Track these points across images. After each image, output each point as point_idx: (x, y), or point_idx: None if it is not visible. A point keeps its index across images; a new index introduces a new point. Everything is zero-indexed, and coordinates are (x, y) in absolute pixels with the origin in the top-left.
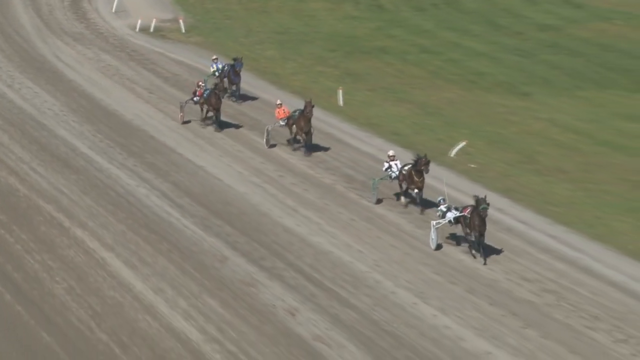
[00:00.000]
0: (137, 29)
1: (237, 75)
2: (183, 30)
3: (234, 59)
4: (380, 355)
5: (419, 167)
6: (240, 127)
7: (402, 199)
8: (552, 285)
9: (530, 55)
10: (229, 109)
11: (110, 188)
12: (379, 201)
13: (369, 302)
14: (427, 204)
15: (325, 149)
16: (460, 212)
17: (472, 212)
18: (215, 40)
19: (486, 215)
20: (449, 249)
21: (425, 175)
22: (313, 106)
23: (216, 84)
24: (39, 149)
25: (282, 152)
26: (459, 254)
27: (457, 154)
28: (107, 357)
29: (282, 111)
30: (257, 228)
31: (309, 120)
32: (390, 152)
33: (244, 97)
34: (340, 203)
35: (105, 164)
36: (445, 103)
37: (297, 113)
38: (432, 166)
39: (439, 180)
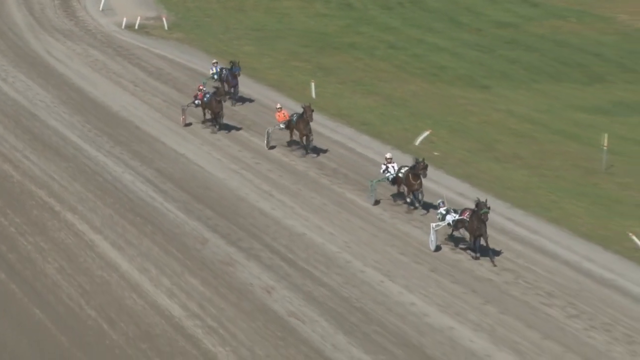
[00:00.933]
0: (123, 26)
1: (235, 78)
2: (166, 28)
3: (232, 63)
4: (350, 330)
5: (417, 171)
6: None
7: (407, 199)
8: (510, 265)
9: (489, 50)
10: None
11: (99, 174)
12: (376, 202)
13: (340, 281)
14: (425, 206)
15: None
16: (459, 215)
17: (471, 216)
18: (195, 37)
19: (487, 219)
20: (414, 231)
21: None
22: (313, 110)
23: (217, 89)
24: (31, 138)
25: (260, 141)
26: (423, 236)
27: (421, 142)
28: (96, 332)
29: (282, 115)
30: (235, 211)
31: (308, 124)
32: (388, 155)
33: (242, 99)
34: (313, 188)
35: (93, 152)
36: (410, 95)
37: (295, 117)
38: (399, 154)
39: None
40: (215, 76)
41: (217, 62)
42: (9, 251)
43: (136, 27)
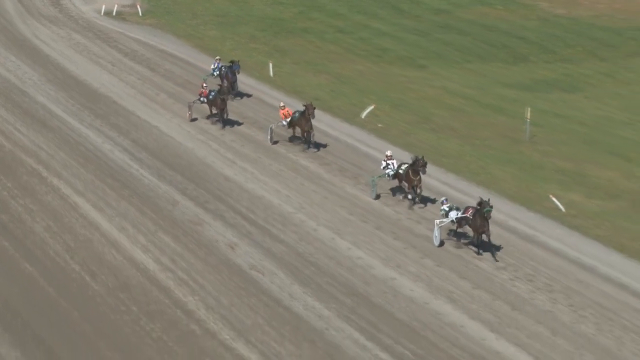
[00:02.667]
0: (102, 13)
1: (234, 75)
2: (140, 14)
3: (232, 62)
4: (305, 281)
5: (417, 167)
6: (191, 96)
7: (409, 196)
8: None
9: (426, 34)
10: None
11: (81, 144)
12: (377, 197)
13: (295, 238)
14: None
15: (258, 112)
16: (462, 213)
17: (474, 214)
18: (166, 22)
19: (490, 217)
20: (361, 194)
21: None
22: (314, 108)
23: (220, 87)
24: (21, 112)
25: (232, 118)
26: (367, 199)
27: (366, 116)
28: (79, 283)
29: (286, 112)
30: (202, 177)
31: (309, 121)
32: (388, 152)
33: (240, 94)
34: (271, 156)
35: (76, 124)
36: (356, 74)
37: (297, 114)
38: (347, 126)
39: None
40: (216, 72)
41: (220, 59)
42: (2, 212)
43: (114, 13)
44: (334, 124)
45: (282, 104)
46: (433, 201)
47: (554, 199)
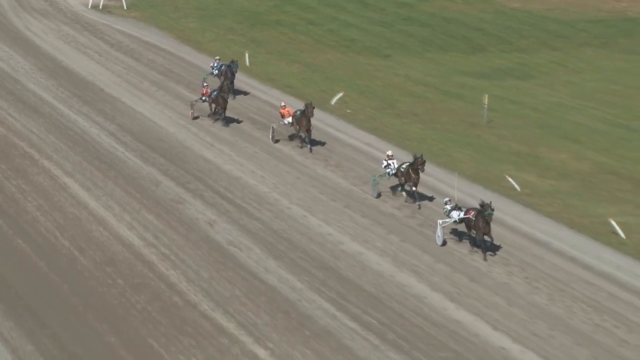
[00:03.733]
0: (89, 6)
1: (233, 74)
2: (125, 7)
3: (231, 61)
4: (279, 256)
5: (416, 166)
6: (172, 84)
7: (404, 193)
8: (408, 202)
9: (390, 26)
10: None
11: (70, 129)
12: (379, 195)
13: (270, 215)
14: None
15: (235, 98)
16: (464, 214)
17: (476, 215)
18: (149, 15)
19: (491, 220)
20: (332, 175)
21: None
22: (314, 107)
23: (222, 86)
24: (14, 99)
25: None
26: (337, 179)
27: (336, 102)
28: (69, 258)
29: (287, 112)
30: (183, 159)
31: (309, 120)
32: (389, 152)
33: (236, 92)
34: (247, 140)
35: (65, 110)
36: (326, 63)
37: (298, 113)
38: (318, 112)
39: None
40: (215, 71)
41: (219, 59)
42: None
43: (100, 7)
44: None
45: (283, 104)
46: (431, 198)
47: (509, 179)
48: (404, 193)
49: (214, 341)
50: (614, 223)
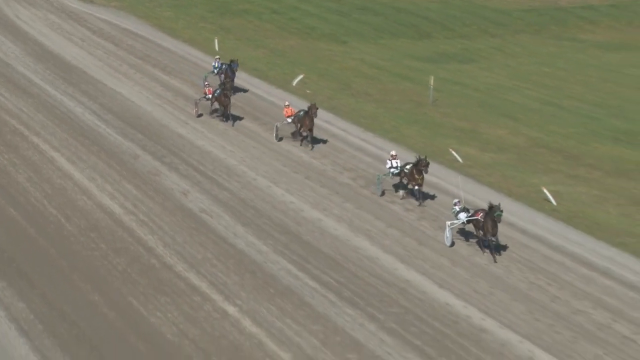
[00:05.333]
0: None
1: (233, 73)
2: None
3: (231, 61)
4: (246, 222)
5: (420, 167)
6: (149, 67)
7: (400, 192)
8: (363, 173)
9: (346, 15)
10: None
11: (56, 108)
12: (382, 193)
13: (238, 186)
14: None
15: (205, 81)
16: (472, 215)
17: (485, 217)
18: (128, 5)
19: (500, 221)
20: (294, 149)
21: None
22: (317, 108)
23: (224, 85)
24: (5, 81)
25: (184, 86)
26: (299, 153)
27: (297, 83)
28: (56, 225)
29: (290, 111)
30: (159, 135)
31: (312, 119)
32: (393, 152)
33: (236, 89)
34: (218, 118)
35: (52, 90)
36: (288, 48)
37: (301, 113)
38: (281, 92)
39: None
40: (216, 70)
41: (219, 58)
42: None
43: None
44: (270, 90)
45: (287, 103)
46: (432, 197)
47: (453, 152)
48: (401, 192)
49: (187, 299)
50: (546, 192)
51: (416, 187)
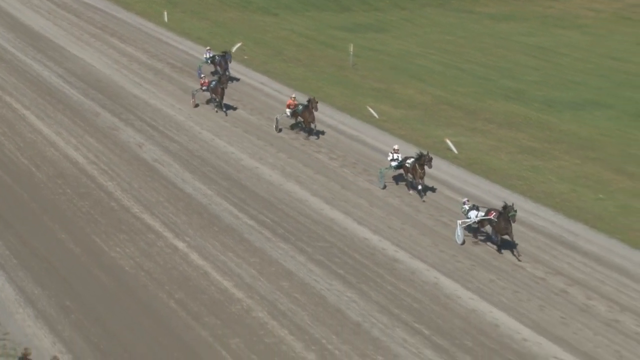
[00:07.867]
0: None
1: (227, 63)
2: None
3: (224, 52)
4: (193, 170)
5: (423, 162)
6: (107, 36)
7: (412, 191)
8: (294, 126)
9: None
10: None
11: (27, 72)
12: (384, 187)
13: (186, 139)
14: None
15: (157, 47)
16: (485, 215)
17: (499, 216)
18: None
19: (514, 221)
20: (236, 106)
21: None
22: (317, 102)
23: (220, 77)
24: None
25: (138, 52)
26: (239, 110)
27: (236, 50)
28: (27, 174)
29: (293, 103)
30: (117, 95)
31: (312, 113)
32: (395, 146)
33: (231, 79)
34: (168, 80)
35: (22, 56)
36: (228, 20)
37: (300, 107)
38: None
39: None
40: (209, 60)
41: (210, 49)
42: None
43: None
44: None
45: (293, 96)
46: (433, 189)
47: (370, 109)
48: (411, 191)
49: (143, 237)
50: (449, 142)
51: (419, 187)
